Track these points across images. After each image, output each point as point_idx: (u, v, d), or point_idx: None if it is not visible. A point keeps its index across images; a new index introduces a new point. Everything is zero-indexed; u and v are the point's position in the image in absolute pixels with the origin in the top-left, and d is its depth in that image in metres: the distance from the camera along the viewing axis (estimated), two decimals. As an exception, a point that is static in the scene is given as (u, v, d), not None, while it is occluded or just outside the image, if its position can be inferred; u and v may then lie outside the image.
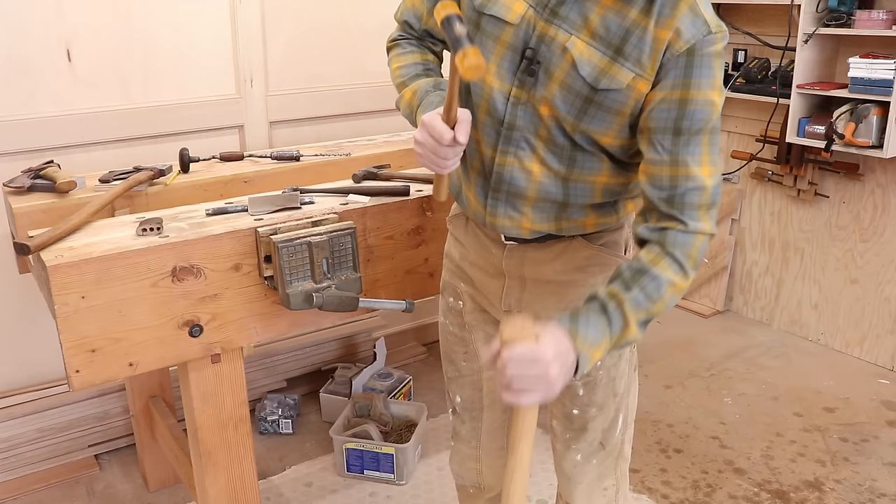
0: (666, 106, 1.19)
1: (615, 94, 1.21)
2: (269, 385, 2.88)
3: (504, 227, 1.39)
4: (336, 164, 2.28)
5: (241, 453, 1.78)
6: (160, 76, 2.54)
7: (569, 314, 1.17)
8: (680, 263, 1.20)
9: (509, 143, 1.32)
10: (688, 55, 1.17)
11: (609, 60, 1.20)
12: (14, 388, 2.51)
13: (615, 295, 1.18)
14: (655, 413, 2.90)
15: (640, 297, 1.18)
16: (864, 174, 3.18)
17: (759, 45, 3.38)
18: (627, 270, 1.20)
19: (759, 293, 3.68)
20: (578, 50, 1.21)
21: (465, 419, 1.67)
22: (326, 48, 2.83)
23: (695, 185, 1.20)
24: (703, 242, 1.22)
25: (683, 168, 1.20)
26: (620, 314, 1.18)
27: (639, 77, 1.20)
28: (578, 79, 1.22)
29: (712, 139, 1.22)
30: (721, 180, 1.24)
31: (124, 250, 1.51)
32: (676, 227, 1.21)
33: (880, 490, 2.48)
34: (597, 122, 1.25)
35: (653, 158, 1.22)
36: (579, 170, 1.31)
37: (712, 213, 1.23)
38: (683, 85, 1.18)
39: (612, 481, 1.58)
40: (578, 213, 1.37)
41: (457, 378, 1.64)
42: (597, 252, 1.42)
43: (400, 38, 1.53)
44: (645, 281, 1.19)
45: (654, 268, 1.19)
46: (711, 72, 1.18)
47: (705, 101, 1.19)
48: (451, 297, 1.59)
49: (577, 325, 1.15)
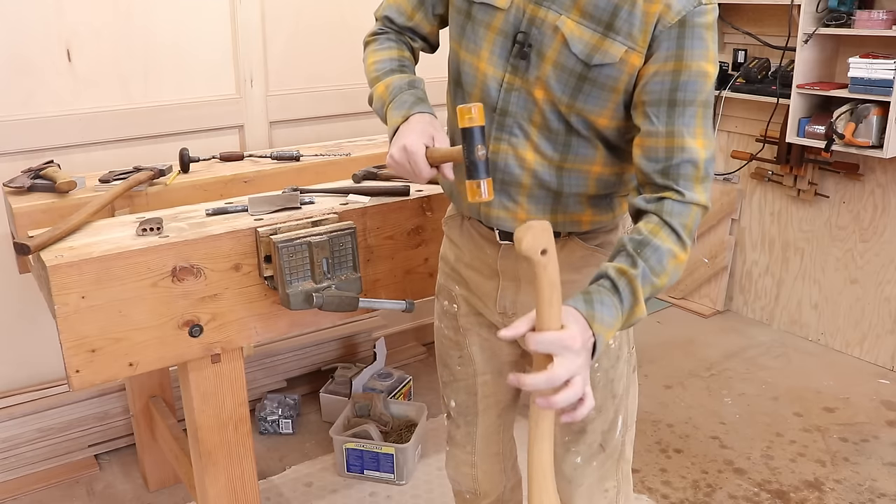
0: (660, 78, 1.20)
1: (609, 68, 1.22)
2: (269, 385, 2.88)
3: (499, 218, 1.38)
4: (336, 164, 2.28)
5: (241, 453, 1.78)
6: (160, 76, 2.54)
7: (581, 296, 1.13)
8: (677, 233, 1.20)
9: (502, 130, 1.32)
10: (679, 26, 1.18)
11: (600, 36, 1.21)
12: (14, 388, 2.51)
13: (625, 272, 1.15)
14: (655, 413, 2.90)
15: (647, 271, 1.16)
16: (864, 174, 3.18)
17: (759, 45, 3.38)
18: (630, 243, 1.18)
19: (759, 293, 3.68)
20: (569, 28, 1.22)
21: (460, 424, 1.65)
22: (326, 48, 2.83)
23: (689, 157, 1.20)
24: (698, 214, 1.22)
25: (679, 139, 1.20)
26: (631, 291, 1.15)
27: (631, 50, 1.20)
28: (571, 57, 1.23)
29: (706, 112, 1.22)
30: (714, 155, 1.24)
31: (124, 250, 1.51)
32: (672, 197, 1.21)
33: (880, 490, 2.48)
34: (592, 100, 1.25)
35: (648, 130, 1.22)
36: (573, 156, 1.31)
37: (706, 186, 1.23)
38: (676, 56, 1.19)
39: (614, 483, 1.56)
40: (574, 207, 1.36)
41: (451, 382, 1.63)
42: (592, 252, 1.42)
43: (378, 33, 1.52)
44: (648, 253, 1.17)
45: (655, 238, 1.18)
46: (704, 42, 1.19)
47: (699, 72, 1.19)
48: (446, 300, 1.59)
49: (593, 307, 1.11)
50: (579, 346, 1.05)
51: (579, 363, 1.05)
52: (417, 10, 1.48)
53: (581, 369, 1.05)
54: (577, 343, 1.04)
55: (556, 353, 1.03)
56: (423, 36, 1.52)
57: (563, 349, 1.03)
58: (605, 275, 1.16)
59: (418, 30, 1.50)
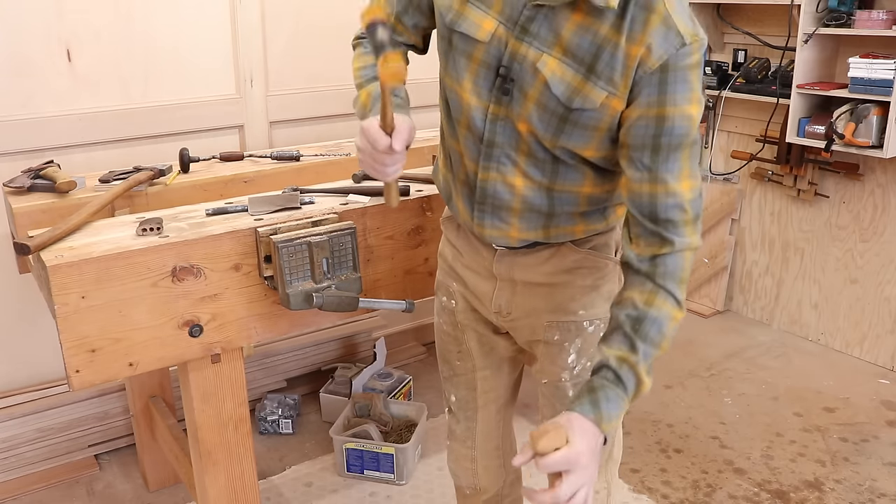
0: (643, 123, 1.18)
1: (589, 112, 1.20)
2: (269, 385, 2.88)
3: (492, 236, 1.40)
4: (336, 164, 2.28)
5: (241, 453, 1.78)
6: (160, 76, 2.54)
7: (588, 397, 1.16)
8: (674, 296, 1.20)
9: (490, 160, 1.32)
10: (661, 71, 1.15)
11: (582, 79, 1.19)
12: (14, 388, 2.51)
13: (625, 359, 1.18)
14: (655, 413, 2.90)
15: (647, 348, 1.18)
16: (864, 174, 3.18)
17: (759, 45, 3.39)
18: (627, 322, 1.19)
19: (759, 293, 3.68)
20: (550, 69, 1.20)
21: (461, 418, 1.67)
22: (326, 48, 2.83)
23: (675, 202, 1.19)
24: (692, 257, 1.22)
25: (662, 185, 1.19)
26: (634, 375, 1.18)
27: (612, 95, 1.18)
28: (552, 98, 1.21)
29: (692, 152, 1.20)
30: (700, 192, 1.23)
31: (124, 250, 1.51)
32: (664, 252, 1.20)
33: (880, 490, 2.48)
34: (575, 138, 1.24)
35: (632, 175, 1.21)
36: (562, 181, 1.31)
37: (697, 226, 1.22)
38: (659, 102, 1.16)
39: (603, 484, 1.58)
40: (566, 222, 1.37)
41: (451, 377, 1.65)
42: (586, 255, 1.42)
43: (363, 37, 1.53)
44: (646, 328, 1.18)
45: (651, 309, 1.19)
46: (687, 85, 1.16)
47: (682, 117, 1.17)
48: (445, 296, 1.60)
49: (600, 409, 1.15)
50: (587, 460, 1.11)
51: (588, 475, 1.11)
52: (397, 22, 1.46)
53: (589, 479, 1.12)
54: (584, 458, 1.10)
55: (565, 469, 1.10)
56: (409, 44, 1.51)
57: (571, 465, 1.10)
58: (606, 365, 1.18)
59: (404, 40, 1.49)
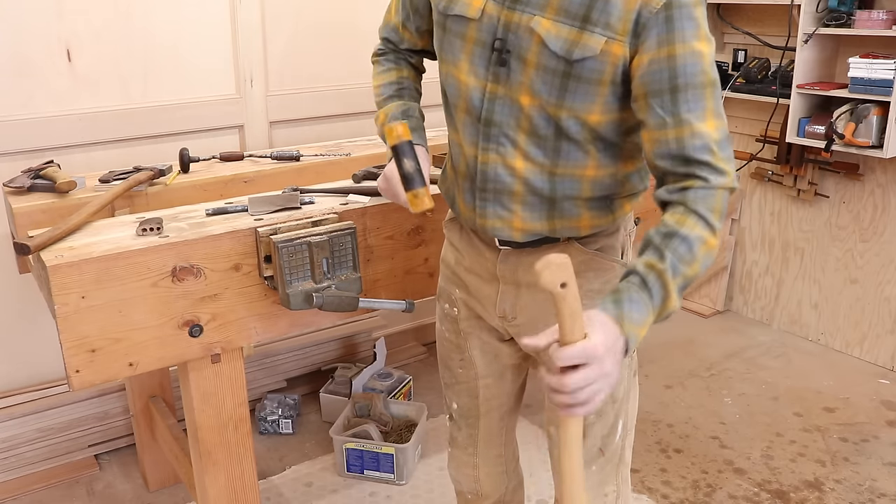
0: (657, 67, 1.17)
1: (591, 62, 1.20)
2: (269, 385, 2.88)
3: (495, 228, 1.38)
4: (336, 164, 2.28)
5: (241, 453, 1.78)
6: (160, 76, 2.54)
7: (611, 297, 1.12)
8: (706, 219, 1.16)
9: (489, 140, 1.32)
10: (665, 9, 1.15)
11: (578, 31, 1.20)
12: (14, 388, 2.51)
13: (653, 266, 1.14)
14: (655, 413, 2.90)
15: (676, 261, 1.14)
16: (864, 174, 3.18)
17: (759, 45, 3.39)
18: (657, 236, 1.16)
19: (759, 293, 3.68)
20: (545, 28, 1.21)
21: (462, 426, 1.65)
22: (326, 48, 2.83)
23: (703, 143, 1.17)
24: (726, 195, 1.19)
25: (688, 126, 1.17)
26: (661, 285, 1.13)
27: (611, 40, 1.18)
28: (552, 56, 1.21)
29: (713, 91, 1.18)
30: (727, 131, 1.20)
31: (124, 250, 1.51)
32: (696, 185, 1.17)
33: (880, 490, 2.48)
34: (580, 97, 1.23)
35: (655, 123, 1.19)
36: (564, 161, 1.30)
37: (729, 165, 1.19)
38: (668, 41, 1.16)
39: (613, 487, 1.55)
40: (571, 211, 1.35)
41: (453, 385, 1.63)
42: (592, 256, 1.41)
43: (380, 54, 1.60)
44: (675, 243, 1.14)
45: (682, 228, 1.15)
46: (694, 22, 1.16)
47: (694, 53, 1.16)
48: (447, 303, 1.59)
49: (622, 308, 1.10)
50: (602, 352, 1.04)
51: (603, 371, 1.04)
52: (405, 29, 1.52)
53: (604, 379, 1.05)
54: (601, 351, 1.04)
55: (582, 363, 1.03)
56: (419, 51, 1.55)
57: (588, 358, 1.03)
58: (633, 271, 1.15)
59: (412, 47, 1.54)
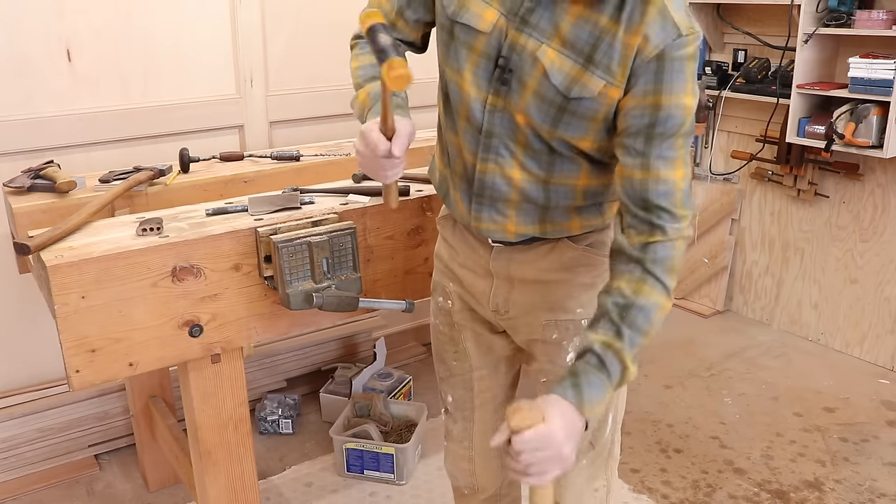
0: (639, 112, 1.20)
1: (588, 101, 1.22)
2: (269, 385, 2.88)
3: (489, 230, 1.40)
4: (336, 164, 2.28)
5: (241, 453, 1.78)
6: (160, 76, 2.54)
7: (570, 381, 1.17)
8: (662, 282, 1.20)
9: (489, 151, 1.32)
10: (657, 60, 1.17)
11: (580, 68, 1.21)
12: (14, 388, 2.51)
13: (610, 345, 1.18)
14: (655, 413, 2.90)
15: (634, 335, 1.18)
16: (864, 174, 3.18)
17: (759, 45, 3.39)
18: (614, 309, 1.20)
19: (759, 293, 3.68)
20: (549, 59, 1.22)
21: (457, 419, 1.66)
22: (326, 48, 2.83)
23: (666, 189, 1.20)
24: (682, 247, 1.22)
25: (654, 172, 1.20)
26: (618, 362, 1.18)
27: (609, 84, 1.20)
28: (551, 88, 1.22)
29: (685, 142, 1.22)
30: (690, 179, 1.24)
31: (124, 250, 1.51)
32: (655, 240, 1.20)
33: (880, 490, 2.48)
34: (572, 129, 1.25)
35: (625, 162, 1.22)
36: (559, 173, 1.32)
37: (689, 216, 1.23)
38: (655, 91, 1.18)
39: (603, 482, 1.57)
40: (562, 216, 1.37)
41: (448, 377, 1.64)
42: (583, 252, 1.42)
43: (361, 38, 1.52)
44: (633, 315, 1.19)
45: (640, 297, 1.19)
46: (683, 76, 1.18)
47: (677, 106, 1.18)
48: (441, 296, 1.59)
49: (582, 394, 1.15)
50: (562, 438, 1.12)
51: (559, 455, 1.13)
52: (398, 17, 1.47)
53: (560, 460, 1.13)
54: (559, 437, 1.12)
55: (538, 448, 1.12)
56: (408, 42, 1.51)
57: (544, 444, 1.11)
58: (590, 349, 1.19)
59: (404, 38, 1.49)
